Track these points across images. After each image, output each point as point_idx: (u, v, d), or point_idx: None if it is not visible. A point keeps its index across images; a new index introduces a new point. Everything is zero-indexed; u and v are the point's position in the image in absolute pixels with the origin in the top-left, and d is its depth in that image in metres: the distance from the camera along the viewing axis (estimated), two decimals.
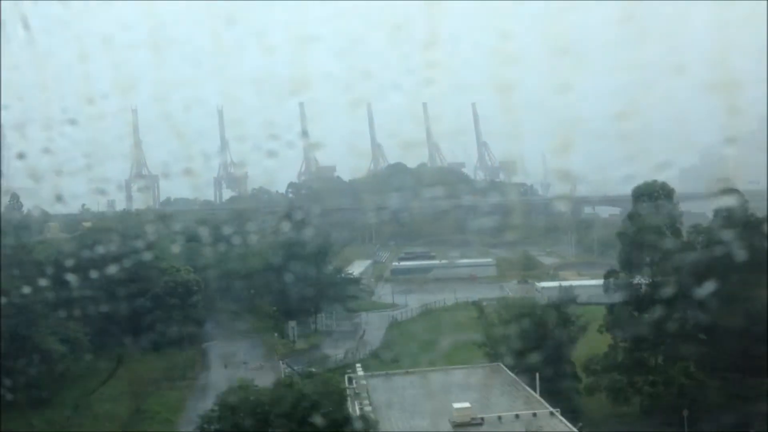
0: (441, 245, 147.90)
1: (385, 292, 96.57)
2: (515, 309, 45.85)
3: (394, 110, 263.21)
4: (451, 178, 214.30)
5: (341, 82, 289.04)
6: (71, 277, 55.09)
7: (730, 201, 46.08)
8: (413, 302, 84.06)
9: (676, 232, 45.80)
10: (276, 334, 65.22)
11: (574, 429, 29.11)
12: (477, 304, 52.32)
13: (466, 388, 35.30)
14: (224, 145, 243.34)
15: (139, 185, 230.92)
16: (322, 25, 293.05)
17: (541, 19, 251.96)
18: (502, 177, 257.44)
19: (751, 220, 45.46)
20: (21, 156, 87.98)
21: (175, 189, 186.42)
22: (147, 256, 65.33)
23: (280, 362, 59.79)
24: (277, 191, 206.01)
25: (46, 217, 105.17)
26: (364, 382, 34.83)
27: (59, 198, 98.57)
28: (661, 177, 49.63)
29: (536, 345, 40.95)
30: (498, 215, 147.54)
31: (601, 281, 49.27)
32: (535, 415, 30.81)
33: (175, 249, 73.90)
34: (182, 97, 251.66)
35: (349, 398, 33.66)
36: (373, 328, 74.46)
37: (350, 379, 36.78)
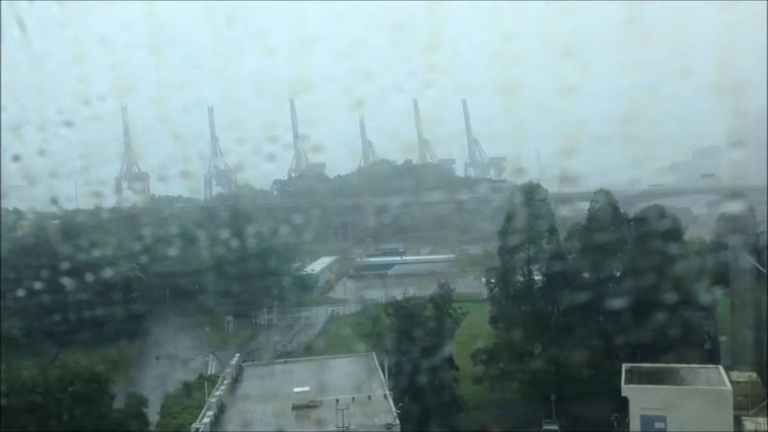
0: (417, 241, 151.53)
1: (346, 288, 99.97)
2: (397, 304, 48.97)
3: (395, 111, 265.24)
4: (437, 174, 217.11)
5: (342, 83, 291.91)
6: (11, 274, 59.07)
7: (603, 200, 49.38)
8: (367, 298, 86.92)
9: (552, 231, 48.99)
10: (207, 328, 68.63)
11: (394, 409, 32.34)
12: (363, 300, 55.61)
13: (328, 375, 38.72)
14: (214, 143, 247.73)
15: (130, 183, 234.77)
16: (323, 27, 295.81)
17: (543, 20, 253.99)
18: (492, 173, 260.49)
19: (621, 219, 48.87)
20: (16, 158, 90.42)
21: (172, 187, 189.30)
22: (93, 253, 69.47)
23: (210, 354, 63.33)
24: (261, 189, 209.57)
25: (20, 215, 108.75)
26: (229, 370, 38.25)
27: (54, 200, 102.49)
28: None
29: (410, 336, 44.30)
30: (478, 212, 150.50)
31: None
32: (369, 398, 34.20)
33: (127, 247, 78.18)
34: (181, 98, 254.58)
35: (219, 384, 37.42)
36: (315, 322, 77.68)
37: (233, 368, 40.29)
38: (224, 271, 73.52)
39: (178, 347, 65.48)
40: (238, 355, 42.80)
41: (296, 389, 34.19)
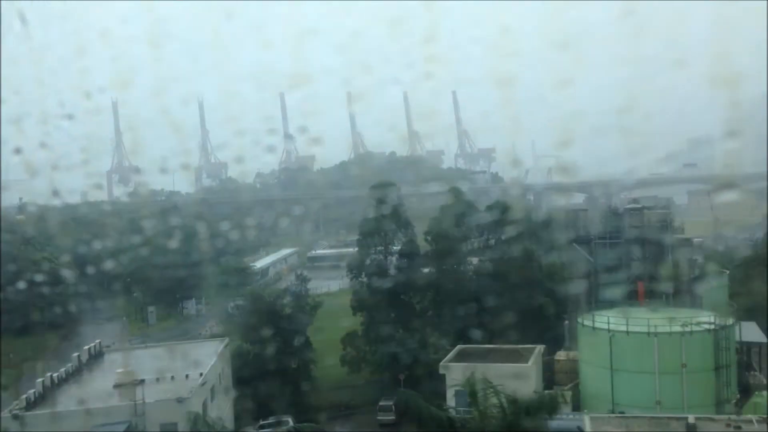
0: None
1: (289, 279, 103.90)
2: (255, 293, 53.07)
3: (391, 105, 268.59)
4: (422, 166, 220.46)
5: (339, 76, 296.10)
6: None
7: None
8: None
9: (405, 224, 52.93)
10: (124, 318, 73.16)
11: (197, 386, 36.47)
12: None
13: (170, 358, 42.90)
14: (205, 136, 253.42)
15: (121, 176, 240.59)
16: (321, 20, 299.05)
17: (541, 13, 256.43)
18: (481, 164, 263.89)
19: (471, 213, 52.84)
20: (18, 151, 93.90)
21: (168, 181, 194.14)
22: (22, 247, 74.47)
23: (127, 342, 67.80)
24: (245, 181, 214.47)
25: None
26: (76, 354, 42.59)
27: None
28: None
29: (265, 323, 48.55)
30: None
31: None
32: (187, 376, 38.46)
33: (72, 239, 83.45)
34: (179, 91, 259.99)
35: None
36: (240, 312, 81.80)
37: None
38: (161, 264, 78.12)
39: (100, 336, 69.57)
40: (98, 340, 47.10)
41: (118, 370, 38.44)
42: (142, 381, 37.57)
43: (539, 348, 46.06)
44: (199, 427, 29.65)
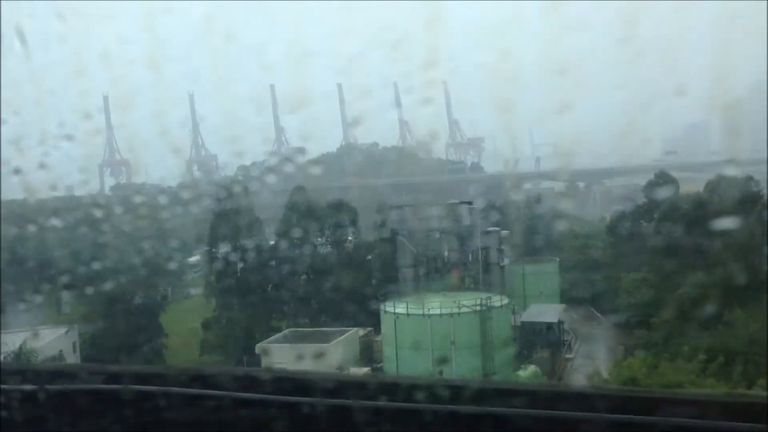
0: None
1: None
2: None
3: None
4: (400, 157, 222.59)
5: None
6: None
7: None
8: None
9: (256, 222, 57.29)
10: (32, 307, 77.76)
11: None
12: None
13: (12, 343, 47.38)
14: (195, 129, 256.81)
15: (112, 170, 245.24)
16: (322, 43, 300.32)
17: (541, 39, 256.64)
18: (471, 154, 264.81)
19: (315, 208, 56.92)
20: (17, 171, 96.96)
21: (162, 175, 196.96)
22: None
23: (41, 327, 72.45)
24: (225, 175, 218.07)
25: None
26: None
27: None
28: None
29: (116, 311, 53.04)
30: (420, 193, 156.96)
31: None
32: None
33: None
34: (180, 113, 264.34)
35: None
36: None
37: None
38: (91, 256, 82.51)
39: (10, 324, 74.31)
40: None
41: None
42: None
43: (355, 330, 50.01)
44: None
